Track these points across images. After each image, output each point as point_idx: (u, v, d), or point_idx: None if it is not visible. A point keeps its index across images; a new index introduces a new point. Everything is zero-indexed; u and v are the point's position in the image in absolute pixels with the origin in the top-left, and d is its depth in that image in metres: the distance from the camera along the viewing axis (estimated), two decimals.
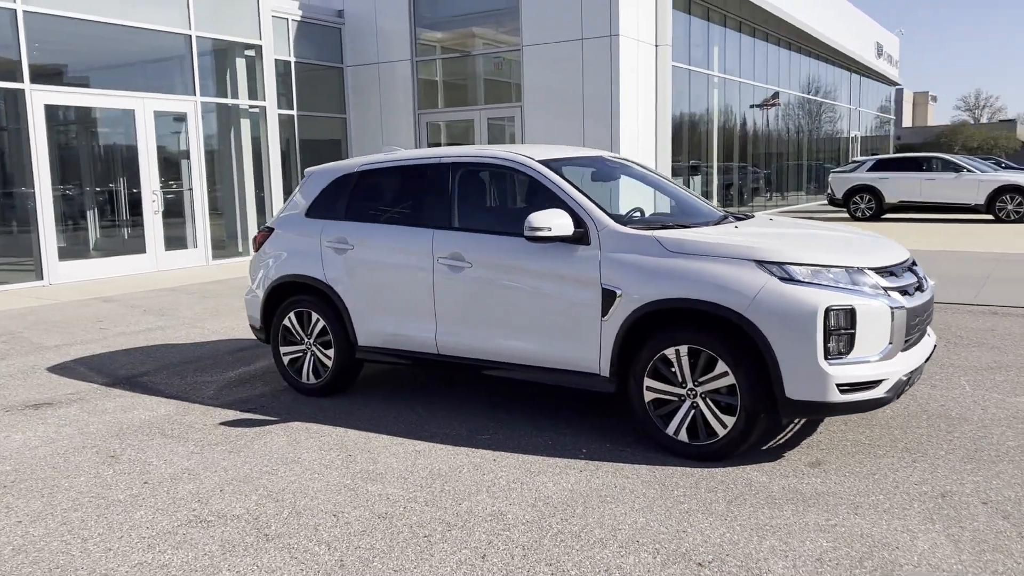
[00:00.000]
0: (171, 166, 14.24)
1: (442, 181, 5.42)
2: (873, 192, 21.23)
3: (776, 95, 23.64)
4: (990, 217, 19.92)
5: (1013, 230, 17.52)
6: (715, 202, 21.02)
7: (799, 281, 4.22)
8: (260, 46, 15.22)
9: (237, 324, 8.82)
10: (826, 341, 4.13)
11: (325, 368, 5.88)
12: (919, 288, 4.60)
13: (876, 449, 4.59)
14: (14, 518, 4.01)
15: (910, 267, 4.71)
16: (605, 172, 5.82)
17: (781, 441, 4.76)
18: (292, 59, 17.26)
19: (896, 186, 20.93)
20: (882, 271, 4.42)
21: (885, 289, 4.33)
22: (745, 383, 4.26)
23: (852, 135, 35.70)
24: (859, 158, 22.99)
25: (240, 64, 15.18)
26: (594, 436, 4.93)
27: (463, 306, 5.19)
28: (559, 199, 4.95)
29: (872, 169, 21.54)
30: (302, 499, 4.12)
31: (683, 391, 4.49)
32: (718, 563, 3.35)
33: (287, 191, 16.74)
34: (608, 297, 4.62)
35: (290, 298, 5.97)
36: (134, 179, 13.50)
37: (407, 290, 5.42)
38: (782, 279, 4.23)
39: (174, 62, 14.12)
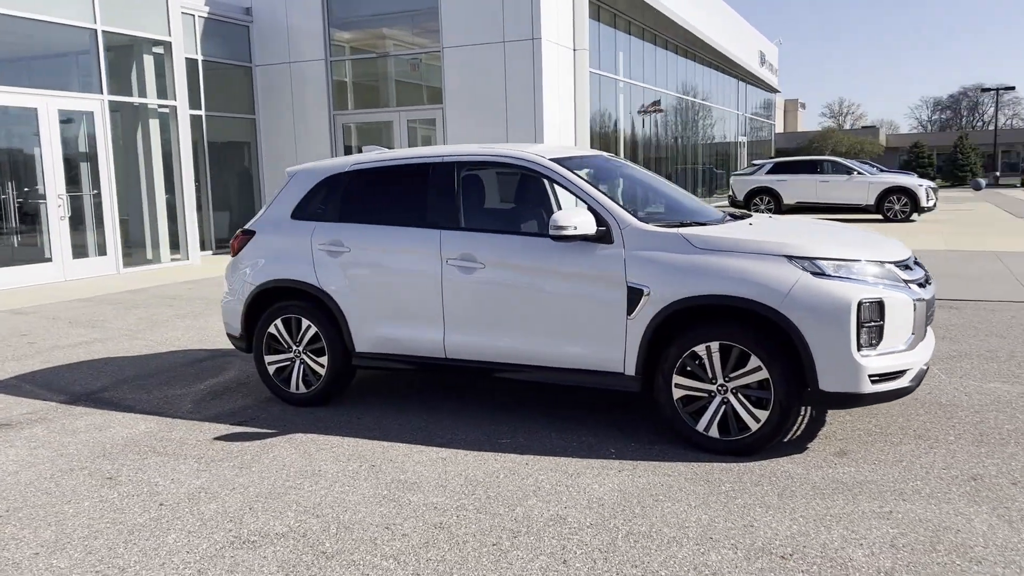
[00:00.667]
0: (77, 169, 13.37)
1: (446, 180, 5.29)
2: (772, 194, 22.15)
3: (658, 101, 24.24)
4: (879, 217, 21.10)
5: (902, 229, 18.61)
6: None
7: (829, 275, 4.33)
8: (169, 43, 14.51)
9: (182, 335, 8.36)
10: (858, 333, 4.25)
11: (317, 376, 5.63)
12: (927, 281, 4.80)
13: (890, 437, 4.76)
14: (28, 550, 3.65)
15: (916, 262, 4.91)
16: (605, 171, 5.82)
17: (798, 433, 4.86)
18: (199, 57, 16.53)
19: (793, 188, 21.91)
20: (899, 264, 4.58)
21: (906, 282, 4.50)
22: (779, 377, 4.33)
23: (739, 140, 37.15)
24: (758, 161, 23.93)
25: (148, 61, 14.43)
26: (615, 435, 4.91)
27: (475, 308, 5.08)
28: (578, 198, 4.91)
29: (771, 172, 22.48)
30: (344, 513, 3.93)
31: (713, 387, 4.53)
32: (800, 555, 3.39)
33: (200, 195, 16.02)
34: (634, 295, 4.61)
35: (276, 304, 5.69)
36: (37, 182, 12.59)
37: (412, 293, 5.26)
38: (814, 274, 4.32)
39: (79, 58, 13.28)
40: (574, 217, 4.65)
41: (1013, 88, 58.54)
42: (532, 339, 4.94)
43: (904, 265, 4.62)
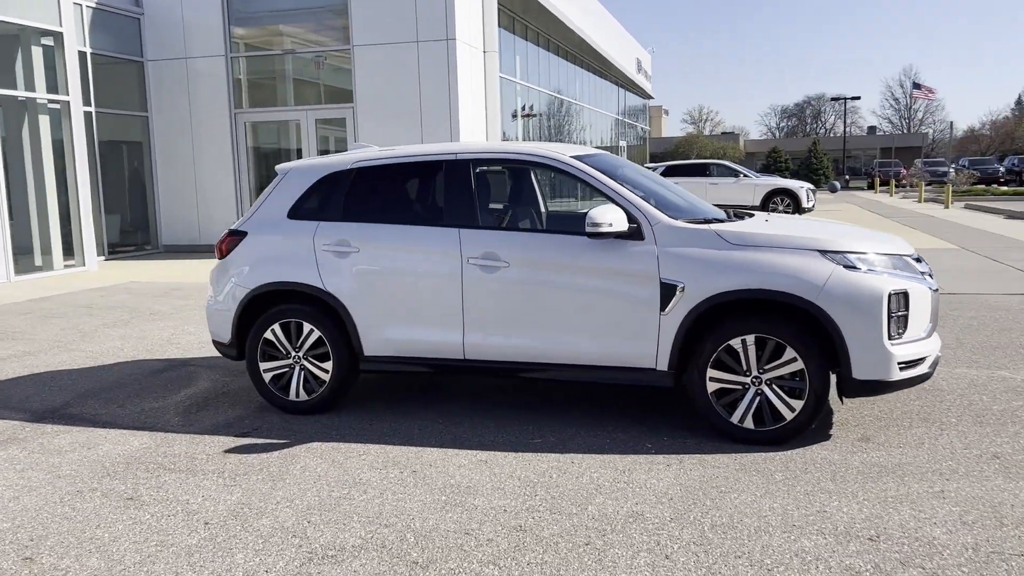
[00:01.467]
0: None
1: (462, 178, 5.18)
2: None
3: (532, 106, 24.58)
4: None
5: None
6: None
7: (859, 269, 4.52)
8: (60, 33, 13.53)
9: (122, 345, 7.82)
10: (889, 323, 4.46)
11: (320, 383, 5.39)
12: (931, 274, 5.09)
13: (900, 420, 5.01)
14: None
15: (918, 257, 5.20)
16: (612, 168, 5.83)
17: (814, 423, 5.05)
18: (88, 50, 15.51)
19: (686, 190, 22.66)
20: (913, 258, 4.84)
21: (922, 274, 4.75)
22: (815, 367, 4.49)
23: (620, 144, 38.17)
24: (650, 165, 24.69)
25: (37, 53, 13.41)
26: (642, 430, 4.95)
27: (497, 307, 5.00)
28: (605, 195, 4.92)
29: (663, 175, 23.19)
30: (413, 521, 3.78)
31: (747, 379, 4.64)
32: (885, 536, 3.52)
33: (94, 195, 15.02)
34: (668, 291, 4.66)
35: (273, 308, 5.41)
36: None
37: (427, 294, 5.12)
38: (846, 267, 4.51)
39: None
40: (609, 214, 4.66)
41: (859, 98, 62.80)
42: (559, 337, 4.91)
43: (916, 258, 4.88)
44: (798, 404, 4.56)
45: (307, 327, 5.34)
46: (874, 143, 77.89)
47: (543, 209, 5.77)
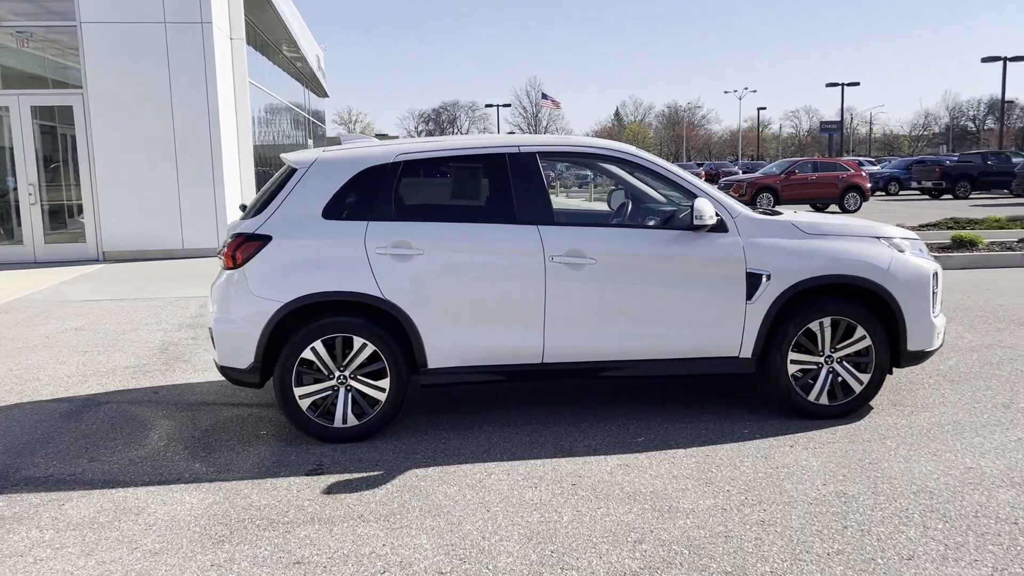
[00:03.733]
0: None
1: (532, 172, 4.88)
2: None
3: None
4: None
5: None
6: None
7: (904, 252, 5.10)
8: None
9: (24, 375, 6.10)
10: (932, 299, 5.09)
11: (373, 404, 4.75)
12: None
13: (904, 385, 5.67)
14: None
15: None
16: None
17: None
18: None
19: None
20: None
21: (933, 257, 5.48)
22: (880, 343, 4.98)
23: (309, 143, 37.04)
24: None
25: None
26: (725, 417, 5.08)
27: (583, 306, 4.81)
28: (683, 188, 4.97)
29: None
30: (663, 534, 3.57)
31: (821, 359, 5.00)
32: (1008, 481, 4.07)
33: None
34: (753, 280, 4.86)
35: (314, 323, 4.65)
36: None
37: (504, 296, 4.76)
38: (899, 251, 5.06)
39: None
40: (709, 208, 4.74)
41: (509, 105, 67.41)
42: (644, 332, 4.87)
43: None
44: (865, 378, 5.02)
45: (358, 341, 4.67)
46: None
47: (623, 202, 5.63)
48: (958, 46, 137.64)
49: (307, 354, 4.66)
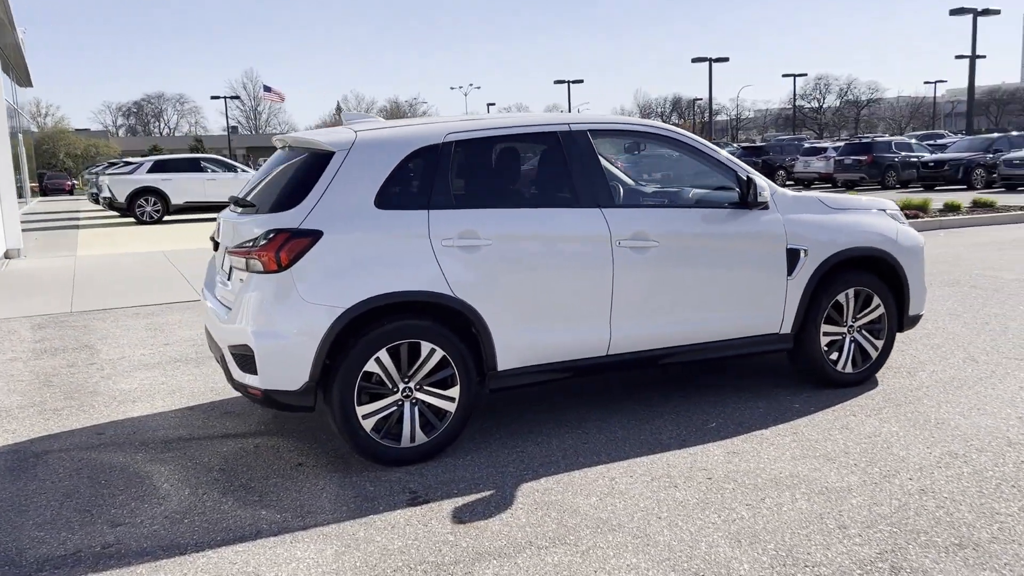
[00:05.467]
0: None
1: (586, 152, 4.52)
2: (158, 194, 20.65)
3: None
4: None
5: None
6: None
7: (904, 223, 5.41)
8: None
9: None
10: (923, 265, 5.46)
11: (442, 416, 4.18)
12: None
13: (905, 348, 5.97)
14: None
15: None
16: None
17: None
18: None
19: (181, 187, 20.81)
20: None
21: None
22: (892, 309, 5.25)
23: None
24: (133, 160, 21.93)
25: None
26: (750, 396, 5.09)
27: (646, 293, 4.57)
28: (725, 166, 4.88)
29: (152, 170, 20.89)
30: (845, 527, 3.48)
31: (844, 329, 5.17)
32: None
33: None
34: (793, 256, 4.90)
35: (377, 330, 3.98)
36: None
37: (573, 286, 4.40)
38: (899, 222, 5.35)
39: None
40: (766, 184, 4.70)
41: (237, 97, 63.68)
42: (702, 315, 4.74)
43: None
44: (880, 344, 5.26)
45: (426, 347, 4.08)
46: (236, 143, 79.69)
47: (671, 181, 5.34)
48: (656, 50, 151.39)
49: (370, 366, 3.99)
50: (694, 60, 50.85)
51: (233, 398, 5.36)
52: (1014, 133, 33.12)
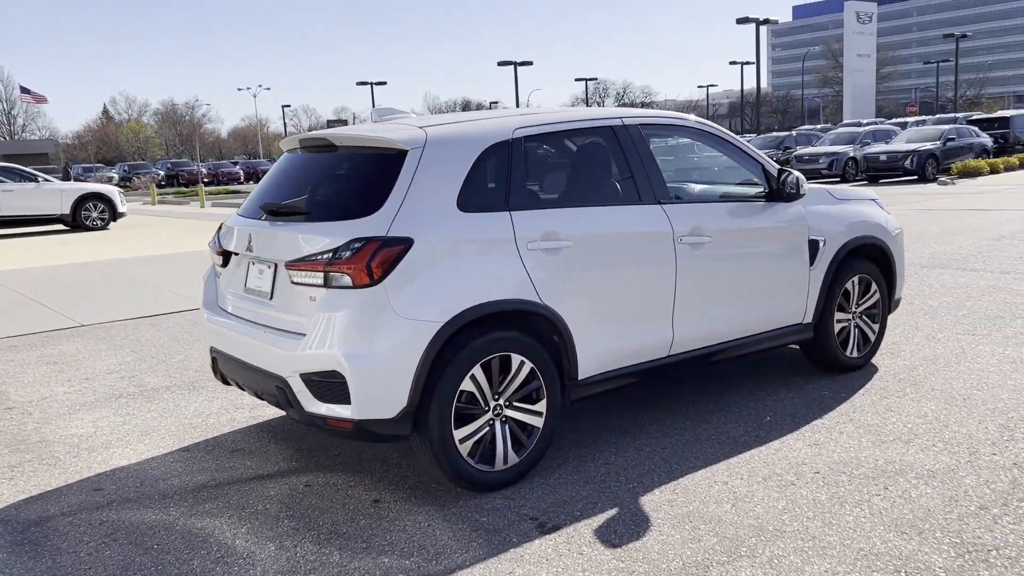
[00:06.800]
0: None
1: (642, 146, 4.35)
2: None
3: None
4: (75, 226, 19.57)
5: (101, 237, 17.94)
6: None
7: (888, 212, 5.68)
8: None
9: None
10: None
11: (529, 433, 3.87)
12: None
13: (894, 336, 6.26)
14: None
15: None
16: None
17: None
18: None
19: None
20: None
21: None
22: (884, 295, 5.50)
23: None
24: None
25: None
26: (777, 388, 5.15)
27: (702, 289, 4.48)
28: (753, 158, 4.90)
29: None
30: (992, 508, 3.57)
31: (849, 316, 5.35)
32: None
33: None
34: (813, 247, 5.00)
35: (471, 343, 3.61)
36: None
37: (642, 286, 4.23)
38: (885, 211, 5.62)
39: None
40: (803, 176, 4.76)
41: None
42: (746, 309, 4.73)
43: None
44: (877, 328, 5.50)
45: (516, 360, 3.76)
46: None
47: (709, 175, 5.17)
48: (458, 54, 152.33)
49: (466, 384, 3.62)
50: (500, 63, 51.74)
51: (229, 433, 4.73)
52: (794, 133, 36.62)
